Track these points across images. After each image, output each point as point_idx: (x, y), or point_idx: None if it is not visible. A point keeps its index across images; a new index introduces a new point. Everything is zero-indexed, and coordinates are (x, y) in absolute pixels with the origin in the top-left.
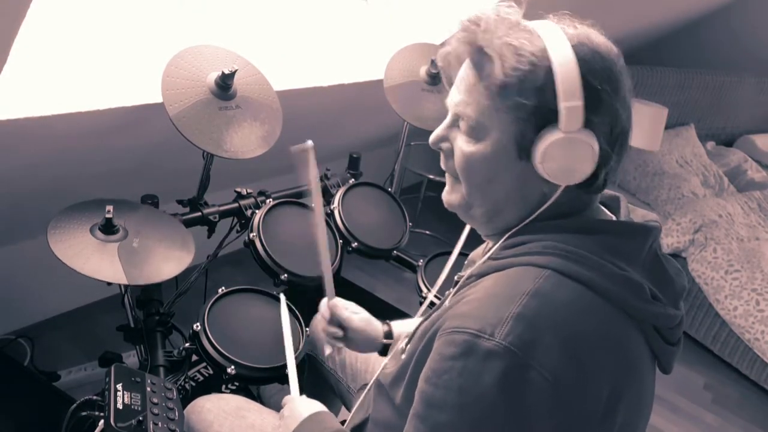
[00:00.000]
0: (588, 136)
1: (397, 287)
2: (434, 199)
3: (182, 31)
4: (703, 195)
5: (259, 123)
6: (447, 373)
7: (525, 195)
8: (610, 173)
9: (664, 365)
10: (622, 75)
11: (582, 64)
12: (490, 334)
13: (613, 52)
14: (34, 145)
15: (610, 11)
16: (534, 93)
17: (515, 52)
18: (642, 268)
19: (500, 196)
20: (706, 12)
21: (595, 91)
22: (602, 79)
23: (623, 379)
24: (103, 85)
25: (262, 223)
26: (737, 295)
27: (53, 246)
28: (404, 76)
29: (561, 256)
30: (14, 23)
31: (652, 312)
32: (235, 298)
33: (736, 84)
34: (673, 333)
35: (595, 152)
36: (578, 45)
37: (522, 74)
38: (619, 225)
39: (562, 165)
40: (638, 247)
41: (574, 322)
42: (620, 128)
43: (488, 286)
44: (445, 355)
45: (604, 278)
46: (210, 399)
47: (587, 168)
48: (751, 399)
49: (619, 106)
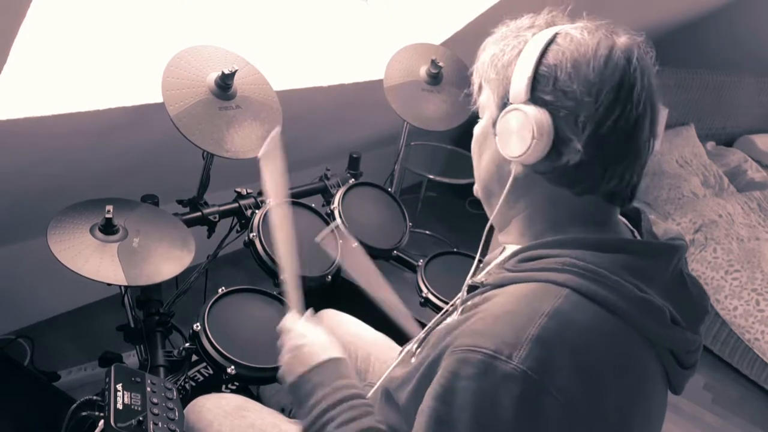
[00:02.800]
0: (534, 108)
1: (397, 287)
2: (434, 199)
3: (182, 31)
4: (703, 195)
5: (259, 123)
6: (461, 393)
7: (501, 176)
8: (584, 169)
9: (675, 387)
10: (613, 78)
11: (553, 48)
12: (508, 356)
13: (615, 57)
14: (34, 145)
15: (610, 11)
16: (502, 68)
17: (507, 39)
18: (664, 289)
19: (485, 174)
20: (706, 12)
21: (550, 71)
22: (567, 63)
23: (635, 402)
24: (103, 85)
25: (262, 223)
26: (737, 295)
27: (53, 246)
28: (404, 76)
29: (580, 274)
30: (14, 23)
31: (670, 336)
32: (235, 298)
33: (736, 84)
34: (689, 357)
35: (540, 127)
36: (565, 35)
37: (501, 52)
38: (642, 244)
39: (505, 135)
40: (661, 268)
41: (591, 345)
42: (592, 123)
43: (504, 302)
44: (458, 374)
45: (622, 300)
46: (210, 398)
47: (525, 141)
48: (751, 399)
49: (590, 99)
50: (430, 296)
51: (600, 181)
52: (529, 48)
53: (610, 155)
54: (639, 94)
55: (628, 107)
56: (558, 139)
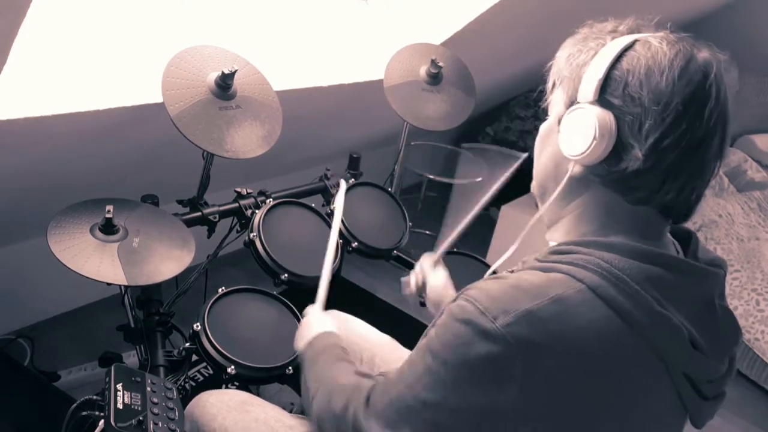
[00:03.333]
0: (599, 109)
1: (397, 287)
2: (434, 199)
3: (182, 31)
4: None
5: (259, 123)
6: (449, 330)
7: (558, 174)
8: (641, 178)
9: (695, 420)
10: (686, 90)
11: (630, 54)
12: (494, 317)
13: (691, 70)
14: (34, 145)
15: (610, 11)
16: (576, 68)
17: (586, 41)
18: (690, 313)
19: (542, 170)
20: (707, 12)
21: (622, 75)
22: (641, 69)
23: (626, 417)
24: (103, 85)
25: (262, 223)
26: (737, 295)
27: (53, 246)
28: (404, 76)
29: (601, 275)
30: (14, 23)
31: (686, 360)
32: (235, 298)
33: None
34: (710, 387)
35: (602, 128)
36: (644, 43)
37: (578, 52)
38: (676, 261)
39: (567, 133)
40: (690, 290)
41: (586, 341)
42: (655, 132)
43: (518, 277)
44: (452, 315)
45: (638, 309)
46: (214, 393)
47: (587, 139)
48: (751, 399)
49: (658, 108)
50: None
51: (656, 192)
52: (606, 51)
53: (671, 168)
54: (711, 111)
55: (696, 123)
56: (619, 144)
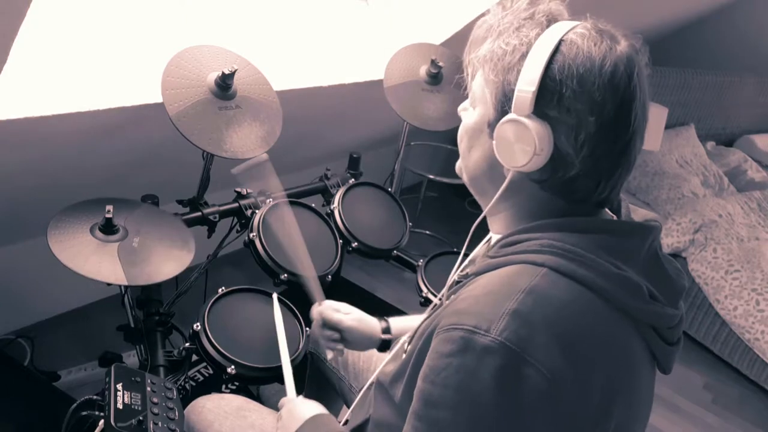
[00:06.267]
0: (537, 124)
1: (397, 287)
2: (434, 199)
3: (182, 31)
4: (703, 195)
5: (259, 123)
6: (444, 371)
7: (494, 175)
8: (578, 183)
9: (663, 365)
10: (616, 97)
11: (559, 59)
12: (486, 330)
13: (619, 74)
14: (35, 145)
15: (610, 11)
16: (502, 71)
17: (506, 34)
18: (640, 268)
19: (475, 168)
20: (707, 12)
21: (555, 85)
22: (573, 80)
23: (618, 377)
24: (103, 85)
25: (262, 223)
26: (737, 295)
27: (53, 246)
28: (404, 76)
29: (558, 254)
30: (14, 23)
31: (650, 312)
32: (235, 298)
33: (737, 84)
34: (672, 333)
35: (541, 142)
36: (570, 44)
37: (502, 52)
38: (618, 224)
39: (504, 143)
40: (636, 247)
41: (569, 319)
42: (591, 141)
43: (484, 283)
44: (442, 353)
45: (600, 277)
46: (210, 399)
47: (527, 154)
48: (751, 399)
49: (593, 118)
50: (430, 296)
51: (592, 193)
52: (534, 56)
53: (604, 170)
54: (636, 111)
55: (626, 125)
56: (556, 153)
